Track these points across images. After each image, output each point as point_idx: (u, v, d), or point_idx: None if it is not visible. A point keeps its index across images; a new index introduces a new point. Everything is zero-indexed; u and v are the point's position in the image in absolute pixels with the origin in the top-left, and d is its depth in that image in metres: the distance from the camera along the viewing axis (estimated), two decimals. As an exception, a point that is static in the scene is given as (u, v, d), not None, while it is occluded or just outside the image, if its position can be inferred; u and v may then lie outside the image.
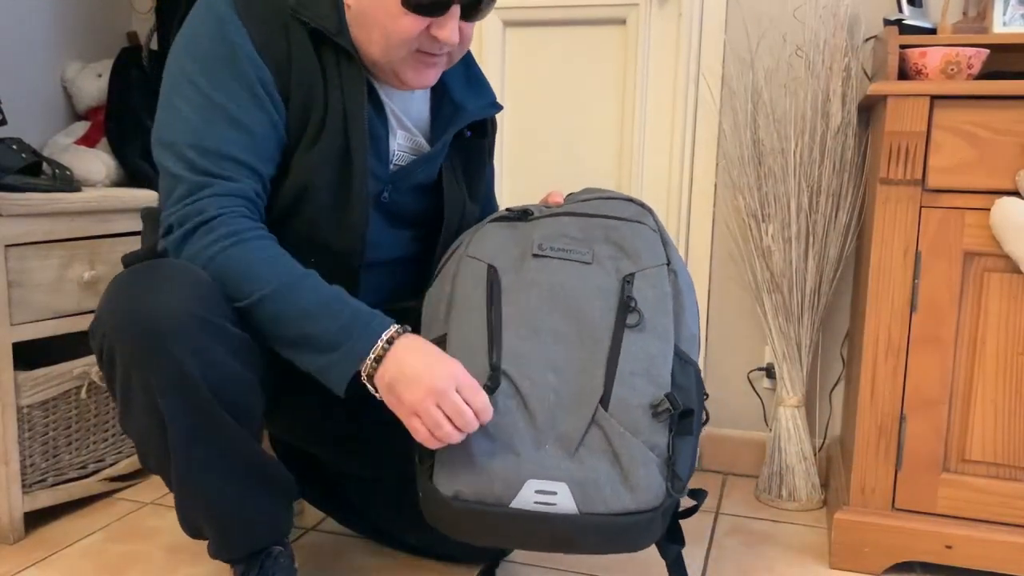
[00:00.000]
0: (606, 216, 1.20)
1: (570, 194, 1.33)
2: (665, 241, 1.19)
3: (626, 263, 1.15)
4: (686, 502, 1.23)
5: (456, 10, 1.11)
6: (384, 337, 1.06)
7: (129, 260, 1.24)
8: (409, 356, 1.05)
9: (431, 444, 1.04)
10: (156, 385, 1.04)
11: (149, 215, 1.25)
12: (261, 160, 1.13)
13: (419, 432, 1.04)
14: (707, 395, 1.21)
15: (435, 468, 1.08)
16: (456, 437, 1.03)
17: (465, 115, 1.28)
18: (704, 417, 1.20)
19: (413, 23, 1.10)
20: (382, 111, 1.22)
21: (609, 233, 1.18)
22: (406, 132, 1.25)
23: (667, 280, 1.15)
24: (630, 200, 1.25)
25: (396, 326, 1.08)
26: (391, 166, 1.25)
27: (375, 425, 1.42)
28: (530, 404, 1.08)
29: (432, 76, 1.19)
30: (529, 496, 1.06)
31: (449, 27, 1.11)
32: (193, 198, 1.09)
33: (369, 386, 1.07)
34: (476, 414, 1.03)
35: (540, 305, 1.13)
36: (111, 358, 1.07)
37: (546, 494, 1.06)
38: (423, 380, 1.03)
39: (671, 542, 1.22)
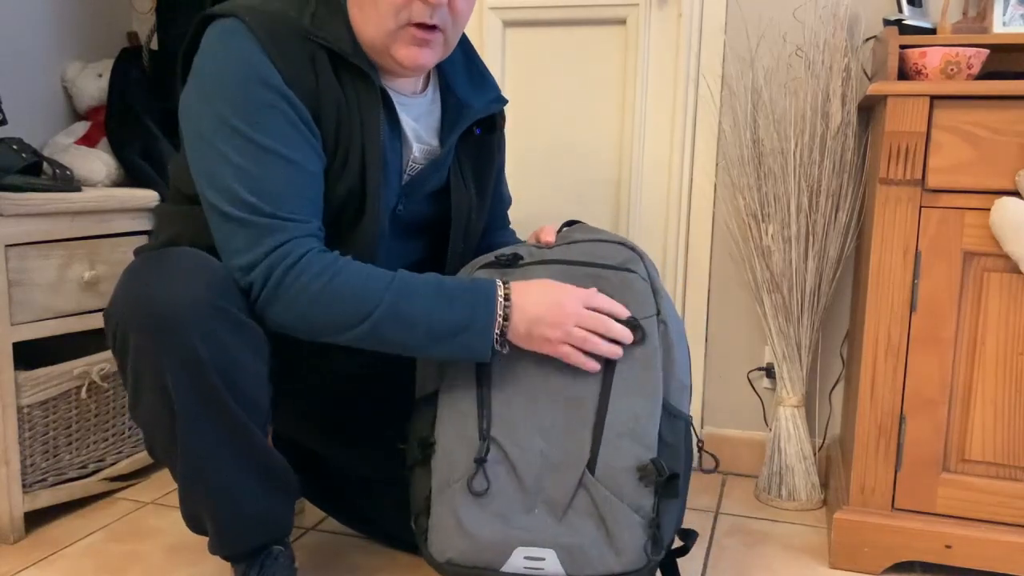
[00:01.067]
0: (595, 264, 1.18)
1: (562, 229, 1.32)
2: (655, 289, 1.17)
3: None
4: (678, 540, 1.24)
5: None
6: (500, 296, 1.11)
7: (140, 253, 1.25)
8: (530, 303, 1.11)
9: (589, 365, 1.12)
10: (166, 366, 1.05)
11: (164, 212, 1.26)
12: (318, 194, 1.14)
13: (573, 356, 1.11)
14: (702, 442, 1.23)
15: (428, 535, 1.13)
16: (605, 347, 1.11)
17: (470, 113, 1.28)
18: (714, 464, 1.22)
19: None
20: (397, 125, 1.22)
21: (597, 283, 1.16)
22: (421, 144, 1.26)
23: (656, 333, 1.14)
24: (622, 244, 1.22)
25: (499, 281, 1.13)
26: (405, 177, 1.26)
27: (378, 421, 1.43)
28: (519, 469, 1.11)
29: (427, 56, 1.17)
30: (519, 562, 1.10)
31: None
32: (271, 244, 1.08)
33: (506, 344, 1.13)
34: (612, 315, 1.12)
35: (527, 366, 1.14)
36: (124, 342, 1.08)
37: (535, 560, 1.10)
38: (555, 317, 1.10)
39: None
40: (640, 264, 1.19)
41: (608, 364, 1.13)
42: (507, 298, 1.11)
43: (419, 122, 1.26)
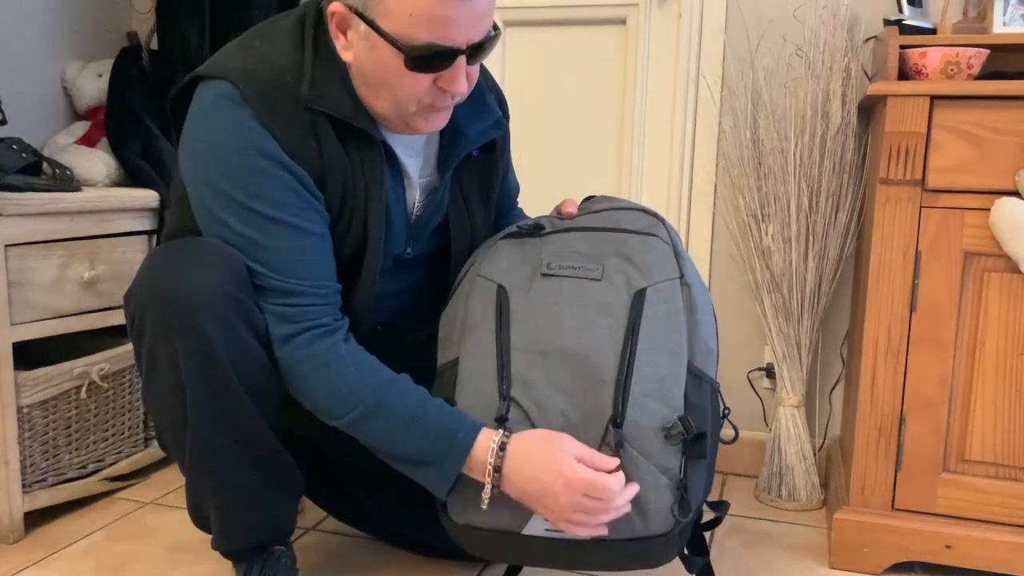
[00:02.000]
0: (617, 229, 1.18)
1: (584, 201, 1.32)
2: (678, 253, 1.16)
3: (637, 278, 1.13)
4: (709, 513, 1.23)
5: (462, 60, 1.06)
6: (495, 445, 1.07)
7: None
8: (525, 477, 1.06)
9: (594, 533, 1.08)
10: (180, 352, 1.06)
11: (179, 202, 1.25)
12: (328, 255, 1.14)
13: (577, 531, 1.07)
14: (728, 410, 1.20)
15: (448, 503, 1.13)
16: (607, 519, 1.06)
17: (464, 143, 1.24)
18: (734, 434, 1.21)
19: (419, 80, 1.06)
20: (398, 173, 1.20)
21: (619, 247, 1.16)
22: (423, 178, 1.25)
23: (680, 294, 1.13)
24: (643, 211, 1.22)
25: (497, 434, 1.09)
26: (412, 217, 1.25)
27: None
28: (539, 427, 1.09)
29: (443, 119, 1.15)
30: (539, 524, 1.09)
31: (457, 79, 1.07)
32: (290, 328, 1.11)
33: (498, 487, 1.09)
34: (611, 497, 1.05)
35: (547, 326, 1.12)
36: (142, 326, 1.09)
37: None
38: (552, 504, 1.05)
39: (695, 554, 1.22)
40: (662, 228, 1.18)
41: (632, 324, 1.10)
42: (502, 448, 1.07)
43: (420, 156, 1.24)
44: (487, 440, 1.07)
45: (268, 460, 1.17)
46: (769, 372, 1.85)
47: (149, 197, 1.75)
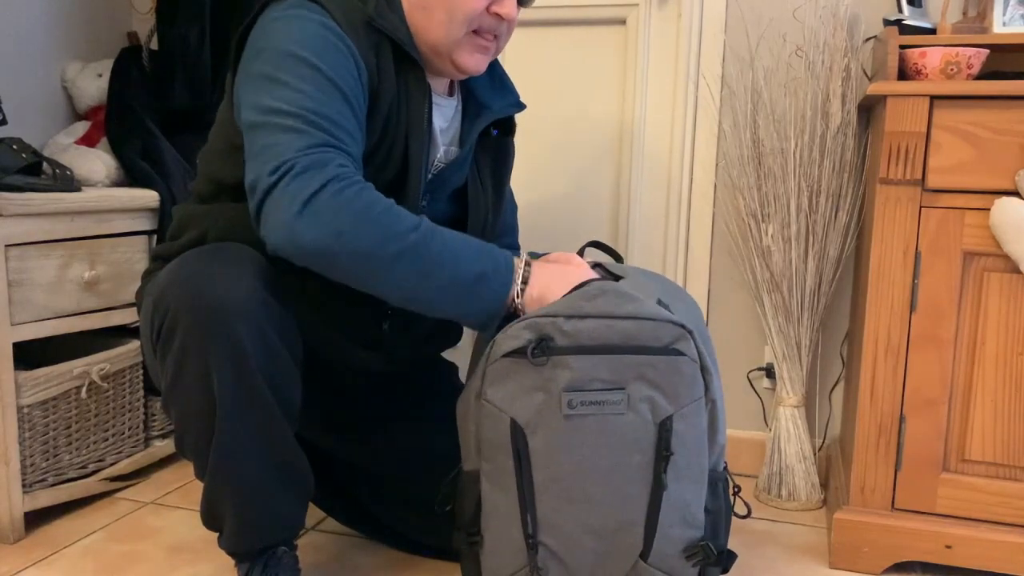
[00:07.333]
0: (639, 349, 1.07)
1: (582, 251, 1.28)
2: (704, 367, 1.09)
3: (663, 404, 1.07)
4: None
5: None
6: (522, 264, 1.11)
7: (163, 253, 1.27)
8: (545, 273, 1.11)
9: None
10: (212, 358, 1.07)
11: (188, 212, 1.26)
12: (361, 138, 1.13)
13: None
14: (739, 488, 1.21)
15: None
16: None
17: (488, 113, 1.32)
18: (747, 511, 1.22)
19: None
20: (431, 124, 1.25)
21: (643, 371, 1.06)
22: (445, 146, 1.30)
23: (704, 414, 1.09)
24: (669, 321, 1.07)
25: (522, 255, 1.14)
26: (429, 175, 1.28)
27: (393, 418, 1.44)
28: (569, 566, 1.11)
29: (485, 62, 1.24)
30: None
31: (509, 3, 1.18)
32: (322, 150, 1.03)
33: (518, 307, 1.10)
34: None
35: (574, 473, 1.09)
36: (171, 331, 1.09)
37: None
38: (562, 286, 1.09)
39: None
40: (688, 342, 1.07)
41: (659, 457, 1.07)
42: (528, 264, 1.12)
43: (446, 124, 1.30)
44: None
45: (288, 464, 1.18)
46: (769, 372, 1.85)
47: (149, 197, 1.75)
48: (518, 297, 1.09)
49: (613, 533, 1.09)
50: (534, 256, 1.24)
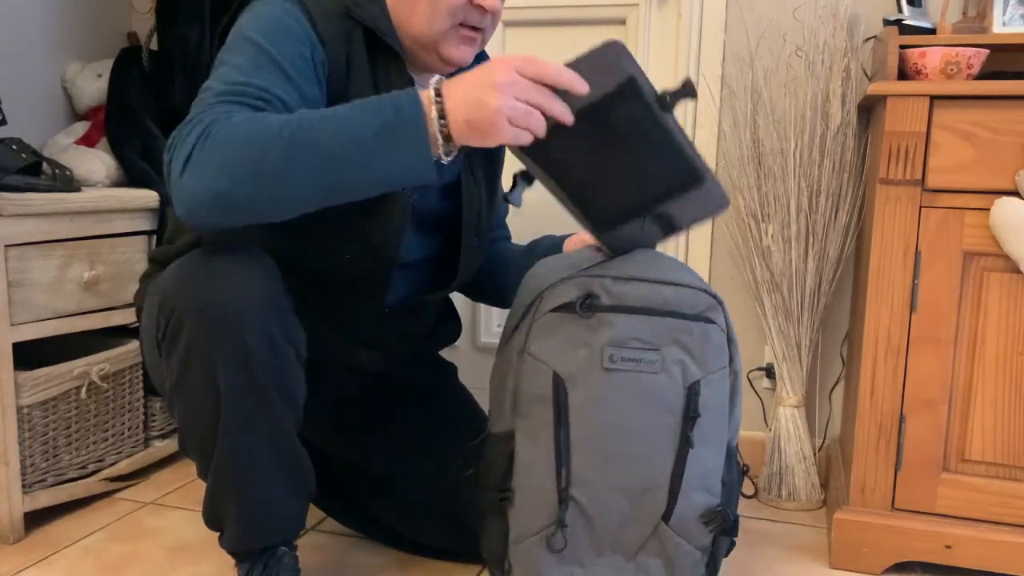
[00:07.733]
0: (677, 314, 1.13)
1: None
2: (730, 338, 1.16)
3: (693, 369, 1.14)
4: None
5: None
6: (431, 90, 0.98)
7: (159, 257, 1.27)
8: (460, 89, 0.96)
9: (541, 131, 0.97)
10: (218, 359, 1.07)
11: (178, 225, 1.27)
12: (296, 108, 1.07)
13: (522, 136, 0.96)
14: (747, 467, 1.25)
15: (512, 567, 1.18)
16: (544, 113, 0.96)
17: None
18: (753, 490, 1.27)
19: None
20: None
21: (678, 335, 1.13)
22: None
23: (727, 382, 1.16)
24: (704, 291, 1.15)
25: (431, 81, 1.00)
26: None
27: (395, 419, 1.44)
28: (596, 525, 1.16)
29: (470, 54, 1.22)
30: None
31: None
32: (216, 107, 1.00)
33: (450, 146, 0.98)
34: (548, 74, 0.95)
35: (610, 429, 1.14)
36: (176, 331, 1.09)
37: None
38: (487, 94, 0.94)
39: None
40: (719, 313, 1.15)
41: (686, 420, 1.13)
42: (438, 93, 0.98)
43: None
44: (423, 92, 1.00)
45: (293, 464, 1.18)
46: (769, 372, 1.85)
47: (149, 197, 1.75)
48: (442, 120, 0.96)
49: (641, 492, 1.14)
50: (550, 239, 1.25)
